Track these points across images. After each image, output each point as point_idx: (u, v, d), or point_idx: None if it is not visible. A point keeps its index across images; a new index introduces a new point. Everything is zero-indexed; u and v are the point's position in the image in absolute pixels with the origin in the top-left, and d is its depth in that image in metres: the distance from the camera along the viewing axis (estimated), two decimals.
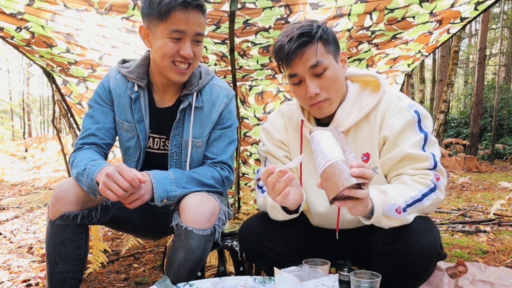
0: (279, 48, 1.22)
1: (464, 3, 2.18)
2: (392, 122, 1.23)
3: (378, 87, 1.30)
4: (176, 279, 1.28)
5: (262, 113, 3.39)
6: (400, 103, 1.24)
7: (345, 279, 1.11)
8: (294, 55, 1.19)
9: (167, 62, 1.32)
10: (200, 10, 1.30)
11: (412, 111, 1.22)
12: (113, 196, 1.15)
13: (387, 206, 1.09)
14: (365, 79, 1.35)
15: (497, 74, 15.76)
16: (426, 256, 1.11)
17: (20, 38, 2.40)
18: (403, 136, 1.21)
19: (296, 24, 1.23)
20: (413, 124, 1.21)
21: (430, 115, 1.26)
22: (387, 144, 1.24)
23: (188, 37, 1.30)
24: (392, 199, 1.10)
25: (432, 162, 1.18)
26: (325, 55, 1.21)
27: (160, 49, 1.31)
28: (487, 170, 9.41)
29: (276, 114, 1.49)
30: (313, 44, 1.19)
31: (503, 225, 3.40)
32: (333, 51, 1.24)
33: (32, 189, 6.61)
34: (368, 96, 1.30)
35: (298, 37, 1.18)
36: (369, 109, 1.26)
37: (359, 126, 1.29)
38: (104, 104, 1.47)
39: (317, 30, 1.20)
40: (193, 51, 1.32)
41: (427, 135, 1.20)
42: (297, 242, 1.39)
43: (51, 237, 1.34)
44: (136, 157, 1.50)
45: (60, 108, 3.63)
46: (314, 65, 1.20)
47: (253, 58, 2.77)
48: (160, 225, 1.65)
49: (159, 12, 1.26)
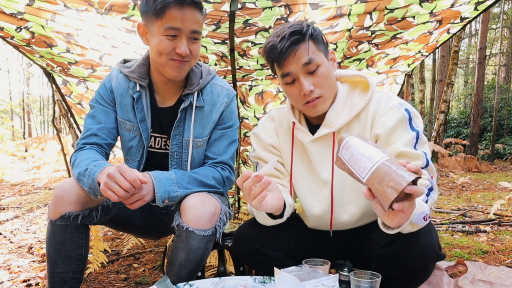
0: (271, 48, 1.23)
1: (464, 3, 2.18)
2: (384, 120, 1.23)
3: (367, 86, 1.30)
4: (176, 279, 1.28)
5: (262, 113, 3.39)
6: (390, 102, 1.24)
7: (345, 279, 1.11)
8: (287, 54, 1.20)
9: (163, 60, 1.32)
10: (196, 7, 1.29)
11: (403, 109, 1.22)
12: (114, 196, 1.15)
13: (417, 214, 1.01)
14: (354, 80, 1.35)
15: (497, 74, 15.77)
16: (425, 257, 1.11)
17: (20, 38, 2.40)
18: (395, 134, 1.21)
19: (285, 25, 1.24)
20: (404, 122, 1.21)
21: (419, 114, 1.26)
22: (379, 142, 1.24)
23: (184, 34, 1.29)
24: (421, 207, 1.03)
25: (425, 160, 1.18)
26: (317, 52, 1.23)
27: (156, 46, 1.31)
28: (487, 170, 9.41)
29: (266, 119, 1.49)
30: (305, 42, 1.20)
31: (503, 225, 3.40)
32: (323, 49, 1.26)
33: (32, 189, 6.61)
34: (358, 96, 1.31)
35: (290, 35, 1.19)
36: (360, 108, 1.27)
37: (350, 126, 1.29)
38: (106, 104, 1.47)
39: (307, 28, 1.21)
40: (190, 49, 1.32)
41: (418, 134, 1.21)
42: (292, 245, 1.39)
43: (51, 237, 1.34)
44: (139, 156, 1.50)
45: (60, 108, 3.64)
46: (307, 62, 1.20)
47: (253, 58, 2.77)
48: (160, 225, 1.65)
49: (154, 10, 1.26)
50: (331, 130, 1.29)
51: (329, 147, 1.31)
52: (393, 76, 3.31)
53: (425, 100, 12.96)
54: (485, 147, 13.56)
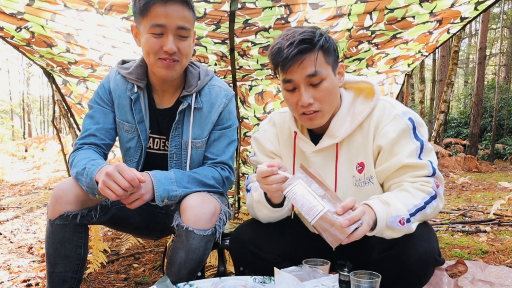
0: (278, 51, 1.17)
1: (464, 3, 2.18)
2: (386, 131, 1.20)
3: (372, 93, 1.26)
4: (176, 279, 1.28)
5: (262, 113, 3.39)
6: (393, 111, 1.21)
7: (345, 279, 1.11)
8: (293, 61, 1.14)
9: (152, 60, 1.31)
10: (181, 3, 1.26)
11: (406, 118, 1.19)
12: (113, 195, 1.15)
13: (391, 218, 1.06)
14: (359, 86, 1.31)
15: (497, 74, 15.77)
16: (424, 264, 1.11)
17: (20, 38, 2.40)
18: (399, 145, 1.19)
19: (298, 29, 1.17)
20: (408, 132, 1.18)
21: (424, 122, 1.24)
22: (382, 153, 1.22)
23: (170, 31, 1.27)
24: (395, 211, 1.06)
25: (431, 169, 1.16)
26: (324, 65, 1.17)
27: (144, 45, 1.30)
28: (487, 170, 9.41)
29: (267, 123, 1.46)
30: (314, 52, 1.14)
31: (503, 225, 3.40)
32: (333, 62, 1.20)
33: (32, 189, 6.61)
34: (361, 103, 1.27)
35: (299, 43, 1.13)
36: (363, 118, 1.23)
37: (353, 135, 1.26)
38: (104, 105, 1.47)
39: (319, 38, 1.15)
40: (178, 47, 1.30)
41: (423, 143, 1.18)
42: (289, 248, 1.38)
43: (50, 237, 1.34)
44: (137, 157, 1.50)
45: (60, 108, 3.64)
46: (311, 74, 1.15)
47: (253, 58, 2.77)
48: (160, 225, 1.65)
49: (140, 8, 1.26)
50: (334, 141, 1.26)
51: (332, 158, 1.29)
52: (393, 76, 3.31)
53: (425, 100, 12.97)
54: (485, 147, 13.55)
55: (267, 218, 1.35)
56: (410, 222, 1.08)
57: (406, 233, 1.10)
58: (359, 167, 1.26)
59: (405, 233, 1.10)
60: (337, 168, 1.28)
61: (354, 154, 1.27)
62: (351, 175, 1.28)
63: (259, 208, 1.31)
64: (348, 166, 1.28)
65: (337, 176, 1.28)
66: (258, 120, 3.40)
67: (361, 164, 1.26)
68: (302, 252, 1.34)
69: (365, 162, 1.25)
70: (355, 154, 1.26)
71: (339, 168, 1.28)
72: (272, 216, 1.33)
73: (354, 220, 0.94)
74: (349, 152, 1.27)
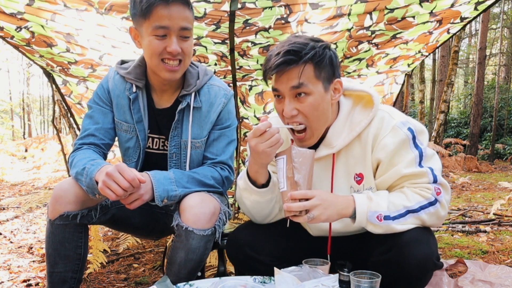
0: (268, 58, 1.17)
1: (464, 3, 2.18)
2: (385, 143, 1.18)
3: (371, 103, 1.23)
4: (176, 279, 1.28)
5: (262, 113, 3.39)
6: (392, 122, 1.19)
7: (345, 279, 1.11)
8: (276, 71, 1.13)
9: (156, 61, 1.31)
10: (183, 4, 1.27)
11: (406, 128, 1.17)
12: (112, 195, 1.15)
13: (370, 212, 1.12)
14: (358, 94, 1.29)
15: (497, 74, 15.77)
16: (422, 268, 1.10)
17: (20, 38, 2.40)
18: (398, 156, 1.18)
19: (294, 38, 1.16)
20: (408, 142, 1.17)
21: (425, 129, 1.22)
22: (382, 165, 1.21)
23: (173, 32, 1.28)
24: (375, 206, 1.12)
25: (431, 176, 1.16)
26: (312, 79, 1.14)
27: (147, 48, 1.30)
28: (487, 170, 9.41)
29: None
30: (299, 65, 1.12)
31: (503, 225, 3.40)
32: (325, 77, 1.16)
33: (32, 189, 6.61)
34: (360, 113, 1.24)
35: (285, 53, 1.12)
36: (361, 129, 1.21)
37: (351, 146, 1.25)
38: (103, 105, 1.47)
39: (309, 51, 1.12)
40: (181, 47, 1.31)
41: (422, 151, 1.17)
42: (285, 250, 1.37)
43: (50, 237, 1.34)
44: (136, 157, 1.50)
45: (60, 108, 3.64)
46: (295, 86, 1.13)
47: (253, 58, 2.77)
48: (160, 225, 1.65)
49: (141, 10, 1.25)
50: (331, 151, 1.25)
51: (329, 167, 1.28)
52: (393, 76, 3.31)
53: (425, 100, 12.95)
54: (485, 147, 13.56)
55: (258, 208, 1.33)
56: (392, 220, 1.11)
57: (389, 232, 1.12)
58: (358, 178, 1.26)
59: (387, 231, 1.13)
60: (333, 178, 1.27)
61: (352, 164, 1.26)
62: (348, 185, 1.27)
63: (246, 196, 1.31)
64: (345, 176, 1.27)
65: (333, 186, 1.28)
66: (258, 120, 3.40)
67: (359, 175, 1.25)
68: (299, 254, 1.33)
69: (364, 173, 1.25)
70: (353, 165, 1.26)
71: (336, 179, 1.27)
72: (261, 203, 1.31)
73: (290, 208, 1.10)
74: (347, 163, 1.26)
